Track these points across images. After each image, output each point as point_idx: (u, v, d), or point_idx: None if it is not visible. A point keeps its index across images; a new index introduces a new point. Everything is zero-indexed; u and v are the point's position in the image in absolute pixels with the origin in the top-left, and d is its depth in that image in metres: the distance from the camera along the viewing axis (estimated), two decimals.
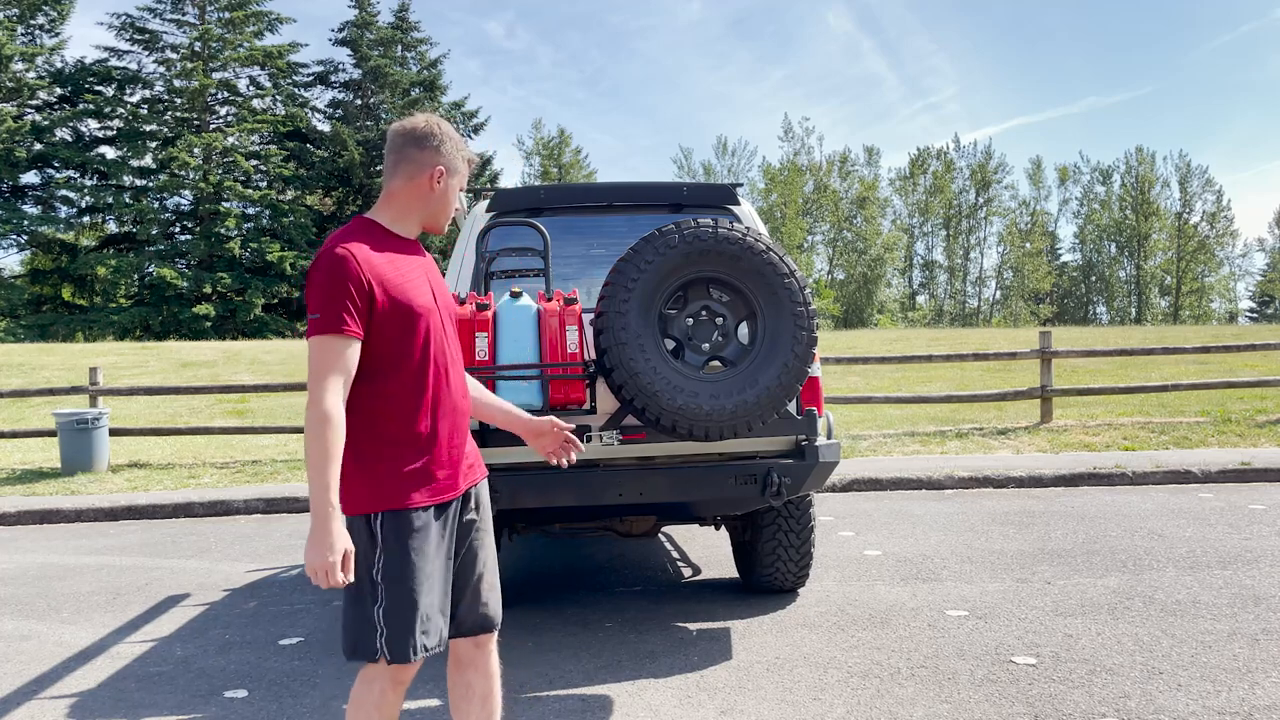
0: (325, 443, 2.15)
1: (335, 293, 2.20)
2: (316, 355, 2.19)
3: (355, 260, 2.23)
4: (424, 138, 2.39)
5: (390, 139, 2.44)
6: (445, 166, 2.41)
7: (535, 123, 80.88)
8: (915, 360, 12.10)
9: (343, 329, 2.19)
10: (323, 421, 2.15)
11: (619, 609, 4.76)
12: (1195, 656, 3.79)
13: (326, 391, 2.17)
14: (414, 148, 2.39)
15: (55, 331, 36.56)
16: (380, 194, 2.44)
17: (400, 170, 2.40)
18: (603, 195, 4.61)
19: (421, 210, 2.43)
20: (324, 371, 2.18)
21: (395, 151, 2.41)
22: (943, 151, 67.60)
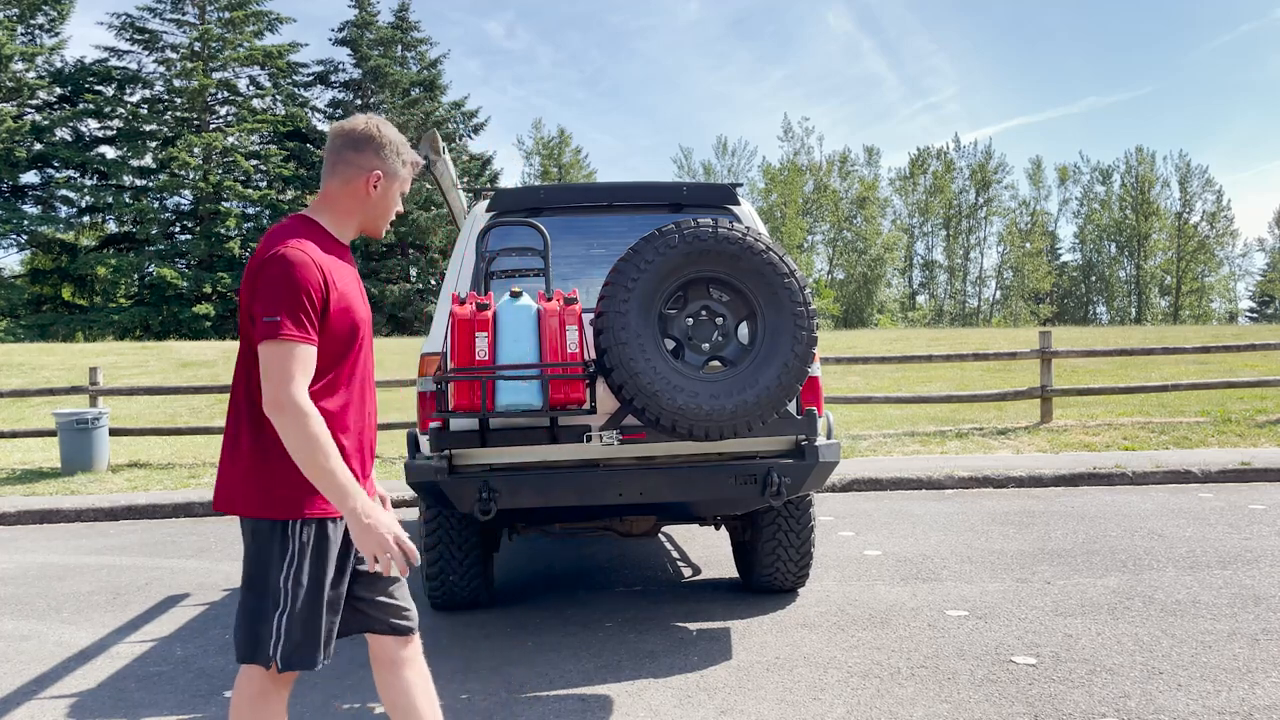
0: (319, 437, 2.11)
1: (299, 299, 2.14)
2: (280, 362, 2.11)
3: (313, 264, 2.18)
4: (361, 141, 2.33)
5: (329, 140, 2.38)
6: (383, 171, 2.34)
7: (535, 123, 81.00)
8: (915, 360, 12.10)
9: (302, 335, 2.14)
10: (306, 417, 2.10)
11: (619, 609, 4.76)
12: (1195, 656, 3.79)
13: (297, 390, 2.11)
14: (351, 150, 2.33)
15: (55, 331, 36.56)
16: (319, 191, 2.38)
17: (337, 172, 2.33)
18: (603, 195, 4.61)
19: (359, 214, 2.37)
20: (290, 374, 2.11)
21: (333, 153, 2.35)
22: (943, 151, 67.65)
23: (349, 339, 2.28)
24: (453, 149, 43.59)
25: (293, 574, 2.20)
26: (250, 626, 2.23)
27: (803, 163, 63.70)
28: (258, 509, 2.21)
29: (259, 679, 2.27)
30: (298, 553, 2.21)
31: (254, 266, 2.20)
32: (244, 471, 2.22)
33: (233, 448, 2.26)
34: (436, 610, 4.77)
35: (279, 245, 2.19)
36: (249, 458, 2.21)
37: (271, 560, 2.20)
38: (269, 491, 2.20)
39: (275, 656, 2.21)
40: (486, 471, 3.87)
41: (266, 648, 2.21)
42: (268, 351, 2.13)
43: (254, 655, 2.23)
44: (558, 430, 3.84)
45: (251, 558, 2.23)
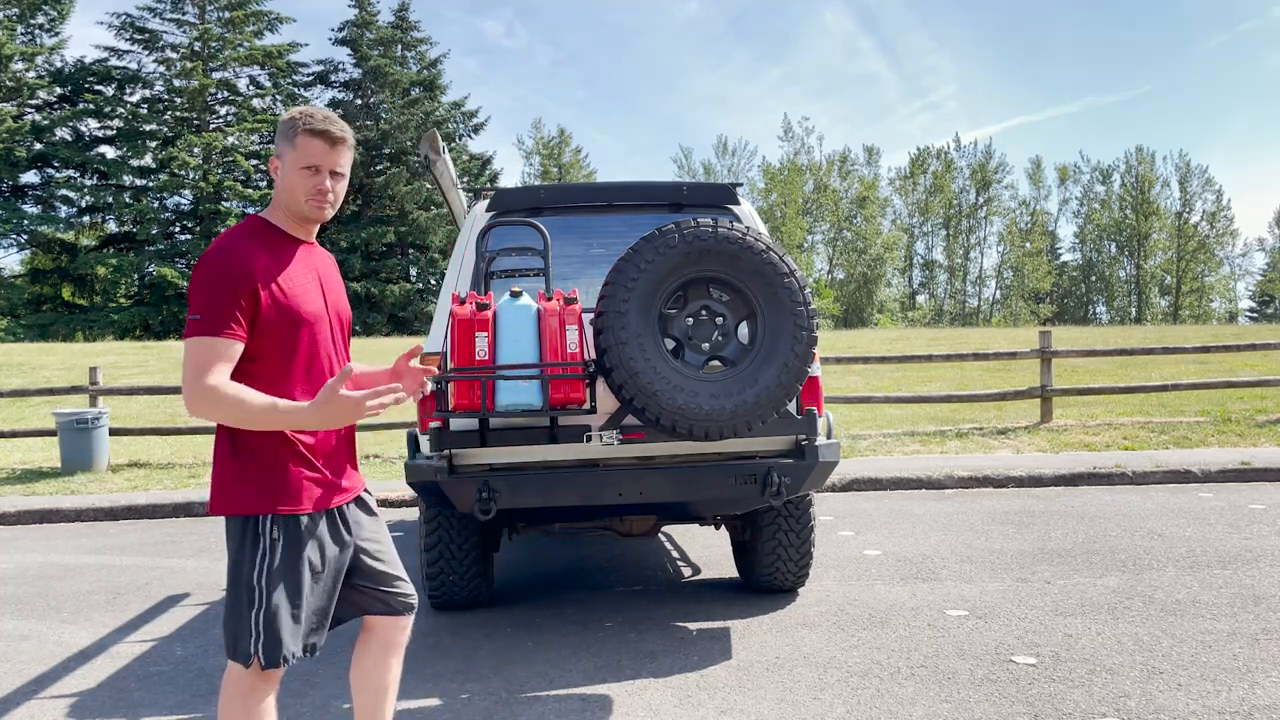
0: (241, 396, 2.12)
1: (220, 294, 2.16)
2: (192, 354, 2.15)
3: (238, 262, 2.20)
4: (280, 133, 2.37)
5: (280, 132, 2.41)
6: (279, 152, 2.35)
7: (535, 122, 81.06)
8: (915, 360, 12.11)
9: (224, 331, 2.16)
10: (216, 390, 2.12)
11: (619, 609, 4.76)
12: (1195, 656, 3.79)
13: (210, 379, 2.13)
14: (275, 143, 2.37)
15: (55, 331, 36.57)
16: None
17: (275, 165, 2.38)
18: (603, 195, 4.61)
19: (288, 203, 2.36)
20: (203, 366, 2.14)
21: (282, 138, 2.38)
22: (943, 151, 67.66)
23: (292, 331, 2.28)
24: (453, 149, 43.59)
25: (266, 571, 2.22)
26: (231, 625, 2.26)
27: (803, 162, 63.72)
28: (229, 507, 2.24)
29: (244, 675, 2.28)
30: (268, 549, 2.23)
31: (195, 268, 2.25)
32: (218, 472, 2.27)
33: (218, 451, 2.31)
34: (436, 610, 4.77)
35: (213, 245, 2.24)
36: (227, 459, 2.26)
37: (244, 558, 2.23)
38: (238, 490, 2.24)
39: (256, 654, 2.22)
40: (486, 471, 3.87)
41: (247, 645, 2.23)
42: (186, 348, 2.17)
43: (235, 653, 2.26)
44: (558, 430, 3.84)
45: (230, 556, 2.26)
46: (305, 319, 2.30)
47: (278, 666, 2.25)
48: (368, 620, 2.56)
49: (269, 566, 2.23)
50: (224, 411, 2.14)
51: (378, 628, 2.55)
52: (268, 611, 2.22)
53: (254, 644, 2.22)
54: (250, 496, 2.23)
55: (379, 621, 2.55)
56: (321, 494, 2.32)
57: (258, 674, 2.27)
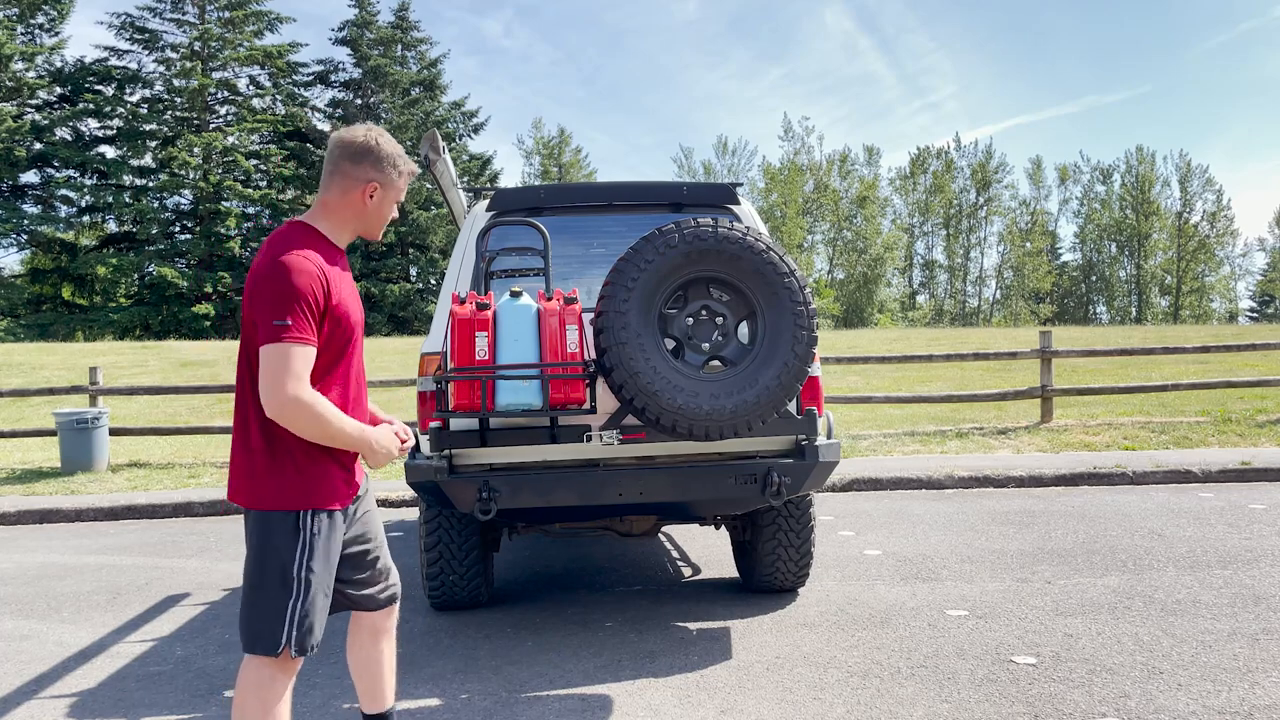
0: (325, 413, 2.26)
1: (302, 303, 2.25)
2: (282, 362, 2.22)
3: (315, 270, 2.29)
4: (359, 153, 2.43)
5: (328, 150, 2.48)
6: (380, 182, 2.45)
7: (535, 122, 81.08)
8: (915, 360, 12.10)
9: (308, 340, 2.26)
10: (313, 405, 2.25)
11: (619, 609, 4.76)
12: (1195, 656, 3.79)
13: (298, 386, 2.23)
14: (349, 162, 2.43)
15: (55, 331, 36.57)
16: (316, 199, 2.48)
17: (335, 183, 2.44)
18: (603, 195, 4.61)
19: (356, 223, 2.48)
20: (295, 374, 2.23)
21: (332, 164, 2.45)
22: (943, 151, 67.65)
23: (345, 340, 2.41)
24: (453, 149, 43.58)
25: (306, 562, 2.32)
26: (261, 617, 2.31)
27: (803, 162, 63.70)
28: (271, 502, 2.31)
29: (266, 667, 2.34)
30: (308, 542, 2.33)
31: (257, 273, 2.29)
32: (256, 467, 2.32)
33: (244, 444, 2.35)
34: (436, 610, 4.77)
35: (283, 253, 2.28)
36: (260, 454, 2.32)
37: (284, 550, 2.31)
38: (281, 486, 2.32)
39: (289, 643, 2.30)
40: (486, 471, 3.87)
41: (279, 637, 2.30)
42: (270, 352, 2.23)
43: (261, 645, 2.32)
44: (558, 430, 3.84)
45: (262, 550, 2.31)
46: (353, 326, 2.43)
47: (305, 655, 2.34)
48: (357, 613, 2.69)
49: (309, 559, 2.32)
50: (310, 424, 2.25)
51: (365, 619, 2.69)
52: (307, 602, 2.31)
53: (287, 633, 2.30)
54: (292, 492, 2.32)
55: (367, 614, 2.69)
56: (345, 492, 2.44)
57: (283, 664, 2.34)
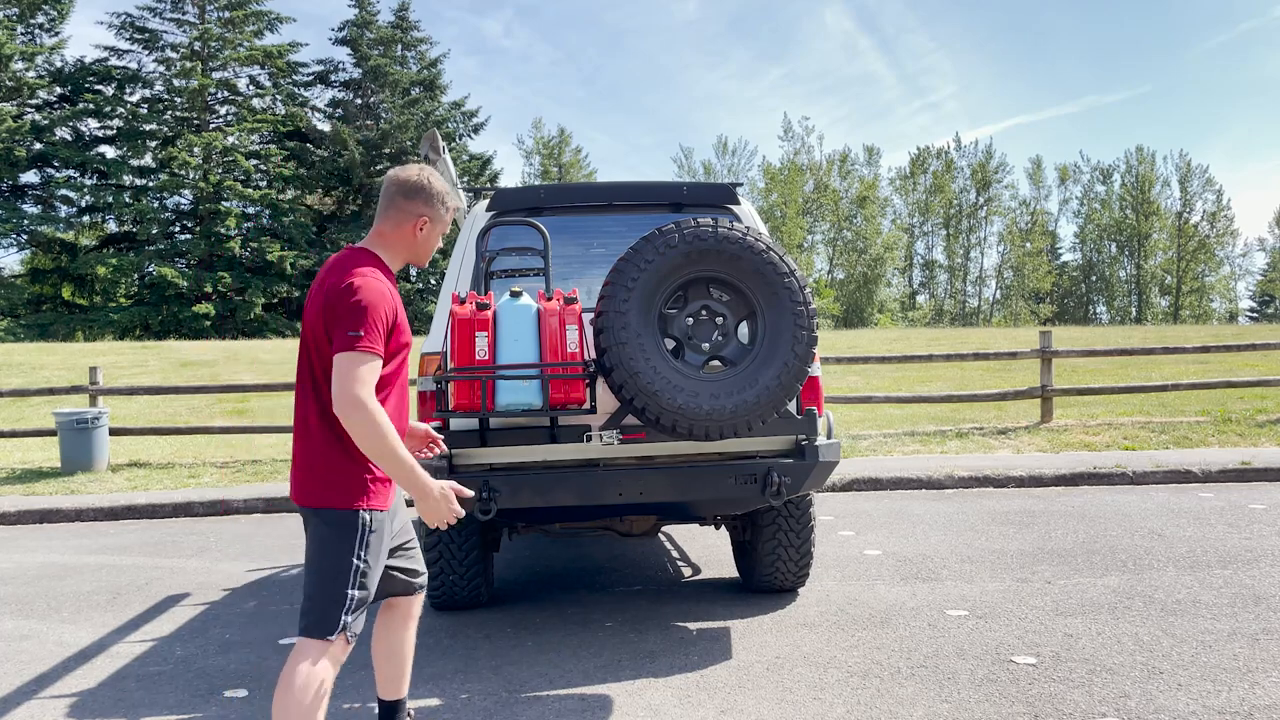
0: (387, 431, 2.45)
1: (375, 317, 2.50)
2: (355, 368, 2.45)
3: (386, 290, 2.58)
4: (413, 190, 2.72)
5: (384, 186, 2.76)
6: (429, 217, 2.74)
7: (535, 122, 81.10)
8: (915, 360, 12.10)
9: (379, 352, 2.51)
10: (376, 415, 2.45)
11: (619, 609, 4.76)
12: (1195, 656, 3.79)
13: (368, 393, 2.45)
14: (403, 198, 2.71)
15: (55, 331, 36.57)
16: (373, 228, 2.74)
17: (389, 216, 2.72)
18: (602, 195, 4.60)
19: (407, 252, 2.77)
20: (364, 381, 2.46)
21: (387, 198, 2.72)
22: (943, 151, 67.65)
23: (400, 354, 2.68)
24: (453, 149, 43.58)
25: (365, 554, 2.57)
26: (321, 605, 2.55)
27: (803, 162, 63.69)
28: (337, 501, 2.55)
29: (323, 649, 2.56)
30: (366, 536, 2.58)
31: (333, 288, 2.53)
32: (323, 470, 2.56)
33: (307, 449, 2.60)
34: (436, 610, 4.77)
35: (357, 274, 2.55)
36: (326, 458, 2.56)
37: (345, 545, 2.55)
38: (345, 487, 2.56)
39: (343, 629, 2.56)
40: (486, 471, 3.87)
41: (335, 622, 2.54)
42: (345, 359, 2.47)
43: (318, 630, 2.55)
44: (558, 430, 3.84)
45: (325, 544, 2.56)
46: (405, 346, 2.69)
47: (356, 636, 2.62)
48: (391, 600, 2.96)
49: (365, 552, 2.58)
50: (370, 432, 2.44)
51: (400, 604, 2.97)
52: (363, 590, 2.58)
53: (342, 620, 2.55)
54: (357, 493, 2.57)
55: (401, 599, 2.97)
56: (391, 494, 2.73)
57: (339, 645, 2.59)
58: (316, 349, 2.56)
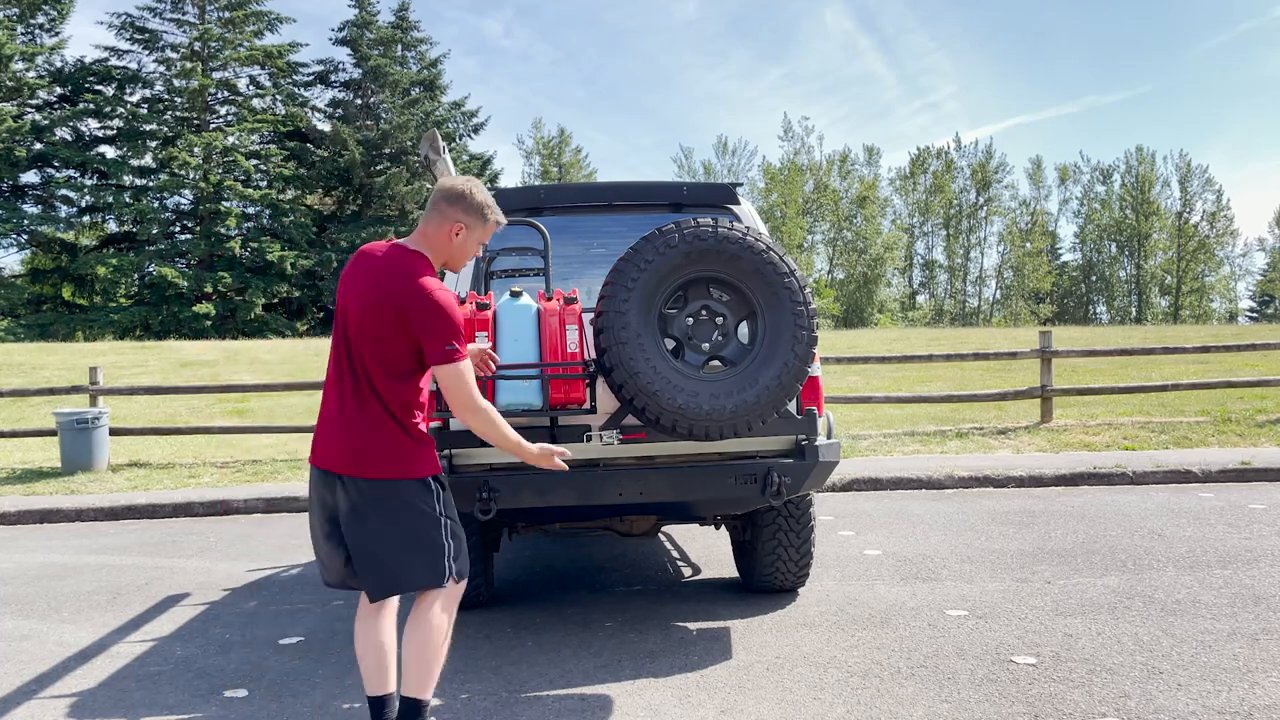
0: (500, 421, 2.90)
1: (460, 328, 2.82)
2: (464, 378, 2.83)
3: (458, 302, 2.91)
4: (454, 198, 2.93)
5: (433, 191, 2.99)
6: (465, 224, 2.93)
7: (535, 122, 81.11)
8: (915, 360, 12.10)
9: (465, 355, 2.86)
10: (491, 413, 2.89)
11: (619, 609, 4.76)
12: (1195, 656, 3.79)
13: (478, 395, 2.87)
14: (445, 203, 2.92)
15: (55, 331, 36.56)
16: (418, 227, 2.96)
17: (432, 218, 2.94)
18: (603, 195, 4.61)
19: (442, 254, 2.97)
20: (473, 387, 2.85)
21: (433, 202, 2.94)
22: (943, 151, 67.64)
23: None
24: (453, 149, 43.58)
25: (444, 507, 2.92)
26: (423, 561, 2.84)
27: (803, 162, 63.68)
28: (414, 473, 2.87)
29: (440, 595, 2.88)
30: (441, 495, 2.93)
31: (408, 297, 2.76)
32: (390, 449, 2.82)
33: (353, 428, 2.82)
34: None
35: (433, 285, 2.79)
36: (390, 439, 2.83)
37: (430, 505, 2.87)
38: (418, 460, 2.88)
39: (451, 573, 2.88)
40: (486, 471, 3.87)
41: (442, 569, 2.86)
42: (452, 372, 2.80)
43: (429, 580, 2.85)
44: (558, 430, 3.84)
45: (412, 508, 2.84)
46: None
47: (466, 576, 2.95)
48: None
49: (445, 507, 2.92)
50: (491, 429, 2.89)
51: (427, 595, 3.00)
52: (455, 538, 2.91)
53: (447, 565, 2.87)
54: (428, 464, 2.91)
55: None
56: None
57: (454, 587, 2.92)
58: (365, 338, 2.79)
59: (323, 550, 2.95)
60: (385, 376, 2.80)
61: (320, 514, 2.92)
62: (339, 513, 2.86)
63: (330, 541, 2.92)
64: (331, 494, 2.86)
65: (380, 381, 2.80)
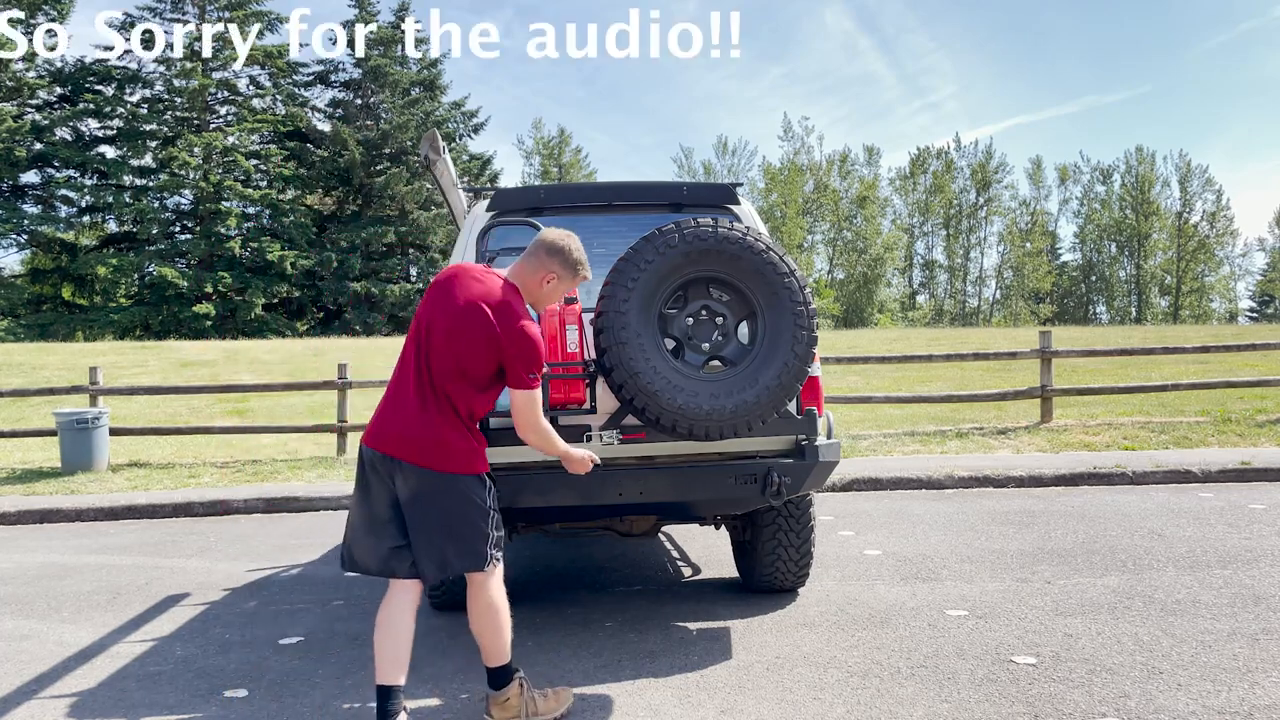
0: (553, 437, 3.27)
1: (543, 360, 3.17)
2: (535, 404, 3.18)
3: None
4: (552, 250, 3.22)
5: (537, 237, 3.26)
6: (558, 275, 3.24)
7: (535, 122, 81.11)
8: (915, 360, 12.11)
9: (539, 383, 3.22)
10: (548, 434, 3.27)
11: (619, 609, 4.76)
12: (1195, 656, 3.79)
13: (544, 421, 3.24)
14: (544, 252, 3.22)
15: (55, 331, 36.58)
16: (517, 263, 3.26)
17: (529, 262, 3.24)
18: (603, 195, 4.60)
19: (532, 295, 3.28)
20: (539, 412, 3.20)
21: (532, 247, 3.24)
22: (943, 151, 67.64)
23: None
24: (453, 149, 43.58)
25: (492, 502, 3.22)
26: (470, 548, 3.13)
27: (803, 162, 63.68)
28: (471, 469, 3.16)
29: (486, 576, 3.18)
30: (492, 490, 3.23)
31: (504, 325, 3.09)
32: (455, 447, 3.11)
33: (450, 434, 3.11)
34: (436, 610, 4.77)
35: (529, 321, 3.14)
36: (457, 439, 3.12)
37: (479, 496, 3.16)
38: (474, 459, 3.17)
39: (492, 557, 3.17)
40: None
41: (484, 554, 3.14)
42: (527, 397, 3.17)
43: (474, 564, 3.14)
44: (558, 430, 3.83)
45: (467, 500, 3.13)
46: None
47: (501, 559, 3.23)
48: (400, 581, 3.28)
49: (494, 499, 3.22)
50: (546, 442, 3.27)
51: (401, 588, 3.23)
52: (499, 529, 3.22)
53: (491, 549, 3.16)
54: (481, 463, 3.20)
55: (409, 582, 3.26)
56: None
57: (496, 569, 3.20)
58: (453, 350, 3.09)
59: (366, 537, 3.17)
60: (465, 387, 3.12)
61: (372, 498, 3.16)
62: (399, 497, 3.11)
63: (378, 526, 3.15)
64: (390, 477, 3.11)
65: (458, 390, 3.11)
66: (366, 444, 3.16)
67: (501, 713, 3.29)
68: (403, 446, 3.08)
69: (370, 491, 3.16)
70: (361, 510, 3.19)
